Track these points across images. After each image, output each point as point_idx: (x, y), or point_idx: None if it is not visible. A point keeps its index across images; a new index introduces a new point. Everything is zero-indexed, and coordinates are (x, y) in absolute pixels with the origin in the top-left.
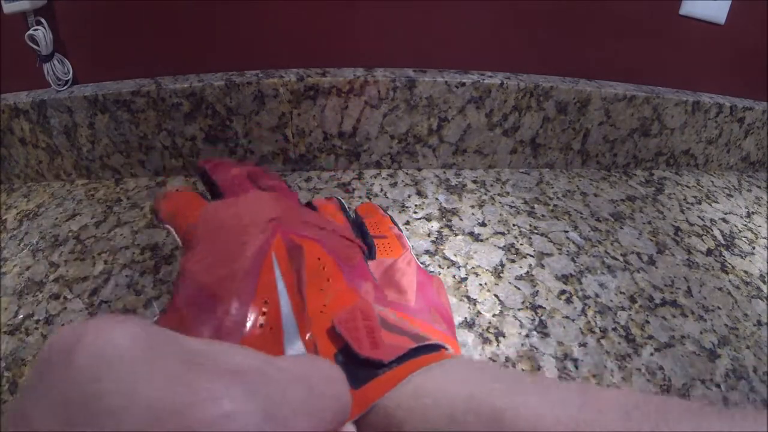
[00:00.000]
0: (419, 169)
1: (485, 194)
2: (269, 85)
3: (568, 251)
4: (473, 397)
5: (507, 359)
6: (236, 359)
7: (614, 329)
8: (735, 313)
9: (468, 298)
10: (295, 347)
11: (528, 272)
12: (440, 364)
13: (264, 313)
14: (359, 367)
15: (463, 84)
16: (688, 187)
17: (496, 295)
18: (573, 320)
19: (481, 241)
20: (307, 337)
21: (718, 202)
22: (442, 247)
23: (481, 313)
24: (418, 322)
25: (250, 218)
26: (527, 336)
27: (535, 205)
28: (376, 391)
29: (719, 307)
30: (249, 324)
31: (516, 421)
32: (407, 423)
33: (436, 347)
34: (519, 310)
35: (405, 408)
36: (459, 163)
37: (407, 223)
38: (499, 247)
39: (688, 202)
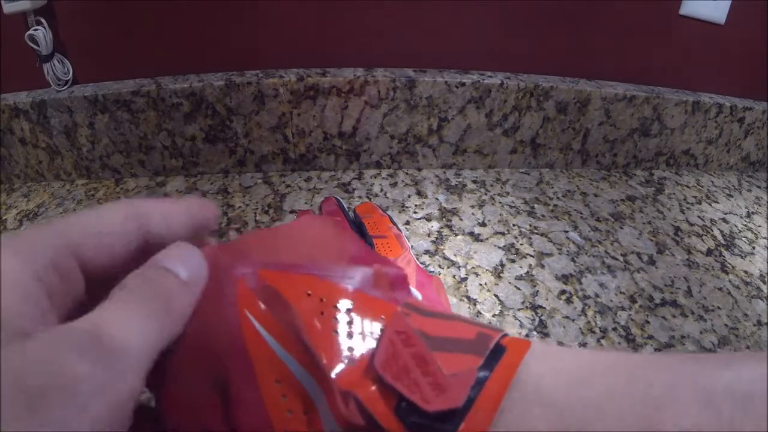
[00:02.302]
0: (419, 169)
1: (485, 194)
2: (269, 85)
3: (568, 251)
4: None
5: None
6: None
7: (614, 329)
8: (735, 313)
9: (468, 298)
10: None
11: (528, 272)
12: (518, 378)
13: (284, 396)
14: (435, 422)
15: (463, 84)
16: (688, 187)
17: (496, 295)
18: (573, 320)
19: (481, 241)
20: (338, 398)
21: (718, 202)
22: (442, 247)
23: (481, 313)
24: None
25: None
26: (527, 336)
27: (535, 205)
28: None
29: (719, 307)
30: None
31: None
32: None
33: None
34: (519, 310)
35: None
36: (459, 163)
37: (407, 223)
38: (499, 247)
39: (688, 202)
